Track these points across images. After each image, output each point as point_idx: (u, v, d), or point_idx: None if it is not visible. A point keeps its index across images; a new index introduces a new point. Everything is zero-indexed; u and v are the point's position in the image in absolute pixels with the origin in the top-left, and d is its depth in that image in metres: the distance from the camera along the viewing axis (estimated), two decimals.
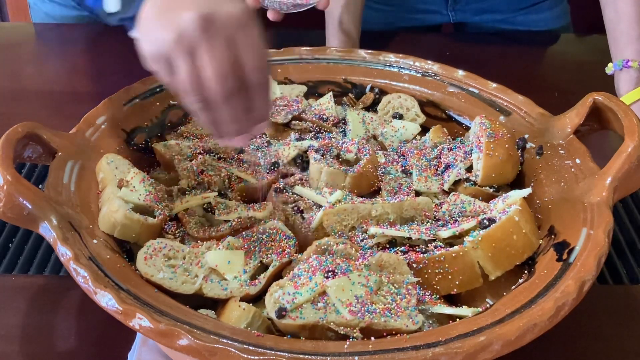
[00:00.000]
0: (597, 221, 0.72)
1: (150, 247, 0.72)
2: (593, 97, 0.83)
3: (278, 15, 1.09)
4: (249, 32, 0.64)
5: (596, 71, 1.21)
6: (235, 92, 0.64)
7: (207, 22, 0.62)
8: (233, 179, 0.85)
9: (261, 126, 0.70)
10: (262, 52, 0.65)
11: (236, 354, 0.59)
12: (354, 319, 0.64)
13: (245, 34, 0.63)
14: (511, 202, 0.76)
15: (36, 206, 0.70)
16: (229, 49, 0.62)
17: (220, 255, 0.72)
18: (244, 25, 0.63)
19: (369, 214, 0.77)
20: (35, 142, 0.79)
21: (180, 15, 0.62)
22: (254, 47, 0.64)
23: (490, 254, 0.71)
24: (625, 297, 0.87)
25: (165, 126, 0.93)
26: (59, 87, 1.25)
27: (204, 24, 0.62)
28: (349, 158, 0.87)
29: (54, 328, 0.80)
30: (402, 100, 1.01)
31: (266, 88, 0.67)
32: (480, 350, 0.60)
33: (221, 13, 0.62)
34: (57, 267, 0.88)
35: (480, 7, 1.48)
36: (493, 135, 0.83)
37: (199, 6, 0.62)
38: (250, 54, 0.63)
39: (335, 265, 0.68)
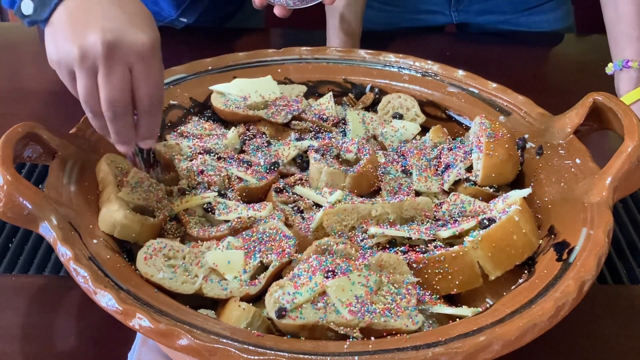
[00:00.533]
0: (597, 221, 0.72)
1: (150, 247, 0.72)
2: (593, 97, 0.83)
3: (285, 11, 1.07)
4: (148, 63, 0.68)
5: (596, 71, 1.21)
6: (121, 115, 0.69)
7: (110, 48, 0.65)
8: (233, 179, 0.85)
9: (148, 142, 0.75)
10: (157, 83, 0.70)
11: (236, 354, 0.59)
12: (354, 319, 0.64)
13: (145, 65, 0.68)
14: (511, 202, 0.76)
15: (36, 206, 0.70)
16: (124, 76, 0.67)
17: (220, 255, 0.72)
18: (145, 56, 0.67)
19: (369, 214, 0.77)
20: (35, 142, 0.79)
21: (88, 34, 0.65)
22: (149, 78, 0.69)
23: (490, 254, 0.71)
24: (625, 297, 0.87)
25: (165, 126, 0.93)
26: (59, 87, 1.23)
27: (107, 50, 0.65)
28: (349, 158, 0.87)
29: (54, 328, 0.80)
30: (402, 100, 1.01)
31: (155, 114, 0.72)
32: (480, 350, 0.60)
33: (126, 40, 0.66)
34: (57, 267, 0.88)
35: (483, 8, 1.48)
36: (493, 135, 0.83)
37: (106, 30, 0.65)
38: (144, 84, 0.69)
39: (335, 265, 0.68)
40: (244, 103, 0.95)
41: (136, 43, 0.67)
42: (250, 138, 0.93)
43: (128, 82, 0.68)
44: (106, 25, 0.66)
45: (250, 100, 0.96)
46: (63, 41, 0.67)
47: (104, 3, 0.68)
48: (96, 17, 0.66)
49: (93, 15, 0.67)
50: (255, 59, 1.04)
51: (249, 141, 0.92)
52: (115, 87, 0.67)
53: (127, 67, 0.67)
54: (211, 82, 0.98)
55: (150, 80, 0.69)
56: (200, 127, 0.94)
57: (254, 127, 0.95)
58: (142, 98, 0.69)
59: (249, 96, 0.96)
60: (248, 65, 1.02)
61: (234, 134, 0.91)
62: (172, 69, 0.98)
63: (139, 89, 0.69)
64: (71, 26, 0.67)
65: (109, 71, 0.66)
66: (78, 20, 0.67)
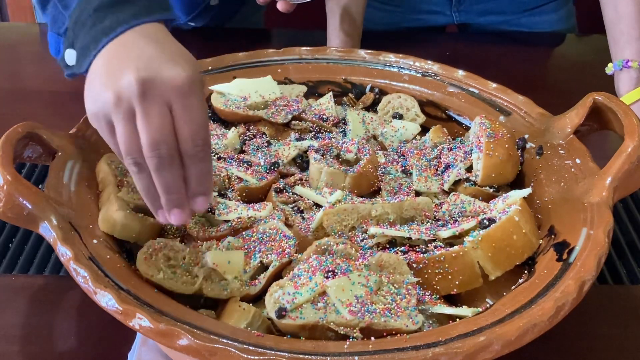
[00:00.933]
0: (597, 221, 0.72)
1: (150, 247, 0.72)
2: (593, 97, 0.83)
3: (288, 6, 1.07)
4: (188, 100, 0.61)
5: (596, 71, 1.21)
6: (167, 161, 0.61)
7: (145, 86, 0.60)
8: (233, 179, 0.85)
9: (201, 202, 0.66)
10: (201, 122, 0.62)
11: (236, 354, 0.59)
12: (354, 319, 0.64)
13: (184, 102, 0.61)
14: (511, 202, 0.76)
15: (36, 206, 0.70)
16: (164, 116, 0.61)
17: (220, 255, 0.72)
18: (184, 93, 0.61)
19: (369, 214, 0.77)
20: (35, 142, 0.79)
21: (122, 77, 0.60)
22: (191, 116, 0.62)
23: (490, 254, 0.71)
24: (625, 297, 0.87)
25: None
26: (59, 87, 1.25)
27: (142, 89, 0.60)
28: (349, 158, 0.87)
29: (54, 328, 0.80)
30: (402, 100, 1.01)
31: (204, 160, 0.64)
32: (480, 350, 0.60)
33: (162, 78, 0.60)
34: (57, 267, 0.88)
35: (484, 9, 1.48)
36: (493, 135, 0.83)
37: (140, 69, 0.60)
38: (186, 123, 0.61)
39: (335, 265, 0.68)
40: (244, 103, 0.95)
41: (173, 78, 0.61)
42: (250, 138, 0.93)
43: (169, 122, 0.61)
44: (140, 64, 0.61)
45: (250, 100, 0.96)
46: (98, 90, 0.62)
47: (141, 46, 0.63)
48: (131, 59, 0.62)
49: (128, 58, 0.62)
50: (255, 59, 1.04)
51: (249, 141, 0.92)
52: (156, 128, 0.60)
53: (166, 106, 0.61)
54: (211, 82, 0.98)
55: (192, 118, 0.61)
56: None
57: (254, 127, 0.95)
58: (186, 140, 0.61)
59: (249, 96, 0.96)
60: (248, 65, 1.02)
61: (234, 134, 0.91)
62: None
63: (181, 130, 0.61)
64: (106, 73, 0.62)
65: (146, 111, 0.60)
66: (113, 66, 0.62)
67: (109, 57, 0.64)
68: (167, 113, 0.61)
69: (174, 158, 0.62)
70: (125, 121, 0.61)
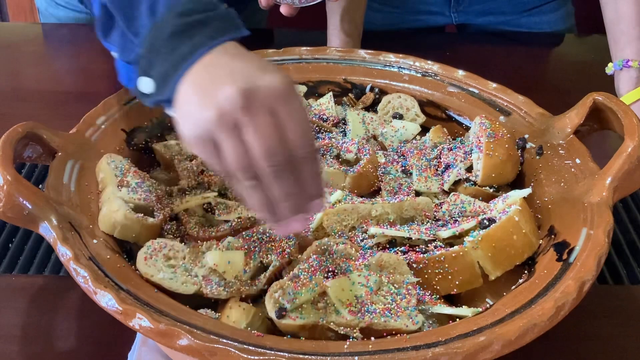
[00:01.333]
0: (597, 221, 0.72)
1: (150, 247, 0.72)
2: (593, 97, 0.83)
3: (292, 10, 1.07)
4: (290, 104, 0.60)
5: (596, 71, 1.21)
6: (285, 167, 0.60)
7: (247, 97, 0.58)
8: None
9: (317, 204, 0.64)
10: (306, 123, 0.61)
11: (236, 354, 0.59)
12: (354, 319, 0.64)
13: (288, 107, 0.60)
14: (511, 202, 0.76)
15: (36, 206, 0.70)
16: (272, 124, 0.59)
17: (220, 255, 0.72)
18: (286, 97, 0.60)
19: (369, 214, 0.77)
20: (35, 142, 0.79)
21: (220, 92, 0.58)
22: (297, 119, 0.60)
23: (490, 254, 0.71)
24: (625, 297, 0.87)
25: (165, 126, 0.93)
26: (59, 87, 1.25)
27: (245, 100, 0.58)
28: (349, 158, 0.87)
29: (54, 328, 0.80)
30: (402, 100, 1.01)
31: (315, 160, 0.63)
32: (480, 350, 0.60)
33: (261, 86, 0.59)
34: (57, 267, 0.88)
35: (483, 9, 1.48)
36: (493, 135, 0.83)
37: (237, 80, 0.59)
38: (293, 127, 0.60)
39: (335, 265, 0.68)
40: None
41: (272, 85, 0.59)
42: None
43: (278, 129, 0.59)
44: (235, 77, 0.59)
45: None
46: (196, 112, 0.60)
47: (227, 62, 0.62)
48: (223, 75, 0.60)
49: (220, 75, 0.60)
50: None
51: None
52: (268, 136, 0.59)
53: (270, 113, 0.59)
54: None
55: (297, 122, 0.60)
56: None
57: None
58: (295, 143, 0.60)
59: None
60: None
61: None
62: None
63: (290, 134, 0.60)
64: (201, 94, 0.60)
65: (254, 122, 0.58)
66: (206, 86, 0.60)
67: (197, 79, 0.62)
68: (274, 120, 0.59)
69: (289, 164, 0.60)
70: (232, 136, 0.59)
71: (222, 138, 0.59)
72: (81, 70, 1.30)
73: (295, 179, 0.61)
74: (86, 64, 1.31)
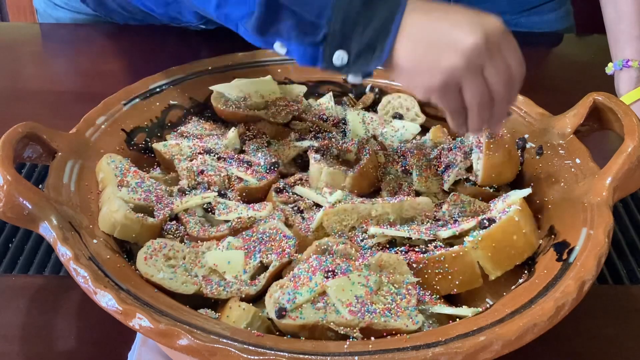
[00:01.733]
0: (597, 221, 0.72)
1: (150, 247, 0.72)
2: (593, 97, 0.83)
3: None
4: (513, 42, 0.71)
5: (596, 71, 1.21)
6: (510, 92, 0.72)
7: (487, 40, 0.68)
8: (233, 179, 0.85)
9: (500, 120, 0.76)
10: (521, 60, 0.73)
11: (236, 354, 0.59)
12: (354, 319, 0.64)
13: (511, 45, 0.71)
14: (511, 202, 0.76)
15: (36, 206, 0.70)
16: (504, 60, 0.70)
17: (220, 255, 0.72)
18: (508, 35, 0.71)
19: (369, 214, 0.77)
20: (35, 142, 0.79)
21: (462, 40, 0.67)
22: (516, 51, 0.72)
23: (490, 254, 0.71)
24: (625, 297, 0.87)
25: (165, 126, 0.93)
26: (59, 87, 1.25)
27: (486, 43, 0.68)
28: (349, 158, 0.87)
29: (54, 328, 0.80)
30: (402, 100, 1.01)
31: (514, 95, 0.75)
32: (480, 350, 0.60)
33: (492, 29, 0.69)
34: (57, 267, 0.88)
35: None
36: (493, 135, 0.83)
37: (474, 28, 0.68)
38: (514, 58, 0.71)
39: (335, 265, 0.68)
40: (244, 103, 0.95)
41: (498, 26, 0.70)
42: (250, 138, 0.93)
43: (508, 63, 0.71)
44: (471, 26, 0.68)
45: (250, 100, 0.96)
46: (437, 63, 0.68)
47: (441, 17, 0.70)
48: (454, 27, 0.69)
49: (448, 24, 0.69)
50: (255, 59, 1.03)
51: (249, 141, 0.92)
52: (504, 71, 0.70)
53: (500, 51, 0.70)
54: (211, 82, 0.98)
55: (516, 53, 0.72)
56: (200, 127, 0.94)
57: (254, 127, 0.95)
58: (515, 72, 0.72)
59: (249, 96, 0.96)
60: (248, 66, 1.02)
61: (234, 134, 0.91)
62: (172, 69, 0.98)
63: (512, 63, 0.71)
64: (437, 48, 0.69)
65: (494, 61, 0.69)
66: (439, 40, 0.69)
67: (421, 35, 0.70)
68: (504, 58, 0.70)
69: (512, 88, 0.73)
70: (478, 77, 0.69)
71: (469, 80, 0.69)
72: (81, 70, 1.30)
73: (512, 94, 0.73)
74: (86, 64, 1.31)
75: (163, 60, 0.93)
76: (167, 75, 0.97)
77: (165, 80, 0.96)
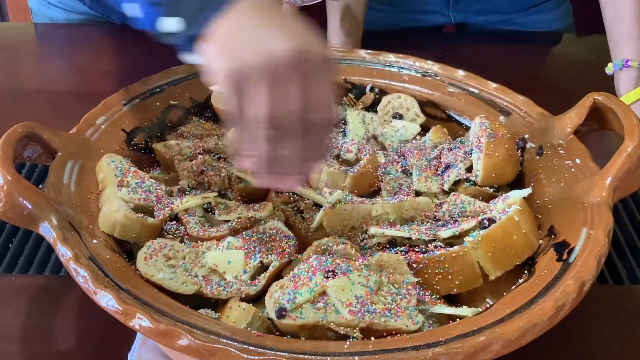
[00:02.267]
0: (597, 221, 0.72)
1: (150, 247, 0.72)
2: (593, 97, 0.83)
3: (294, 9, 1.08)
4: (329, 75, 0.64)
5: (596, 71, 1.21)
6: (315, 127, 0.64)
7: (303, 57, 0.60)
8: (233, 179, 0.85)
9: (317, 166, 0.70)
10: (331, 95, 0.64)
11: (236, 354, 0.59)
12: (354, 319, 0.64)
13: (326, 76, 0.63)
14: (511, 202, 0.76)
15: (36, 206, 0.70)
16: (312, 85, 0.62)
17: (220, 255, 0.72)
18: (327, 68, 0.63)
19: (369, 214, 0.77)
20: (35, 142, 0.79)
21: (275, 43, 0.60)
22: (328, 89, 0.64)
23: (490, 254, 0.71)
24: (625, 297, 0.87)
25: (165, 126, 0.93)
26: (59, 87, 1.25)
27: (299, 59, 0.60)
28: (349, 158, 0.87)
29: (54, 328, 0.80)
30: (402, 100, 1.01)
31: (330, 130, 0.68)
32: (480, 350, 0.60)
33: (315, 51, 0.61)
34: (57, 267, 0.88)
35: (481, 8, 1.48)
36: (493, 135, 0.83)
37: (293, 38, 0.61)
38: (322, 96, 0.63)
39: (335, 265, 0.68)
40: None
41: (324, 53, 0.63)
42: None
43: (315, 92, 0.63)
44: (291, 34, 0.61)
45: None
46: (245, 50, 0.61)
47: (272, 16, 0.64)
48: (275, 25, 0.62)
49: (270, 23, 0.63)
50: None
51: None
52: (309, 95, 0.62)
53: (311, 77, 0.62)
54: None
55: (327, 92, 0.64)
56: (200, 127, 0.94)
57: None
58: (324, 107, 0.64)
59: None
60: None
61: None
62: (172, 69, 0.98)
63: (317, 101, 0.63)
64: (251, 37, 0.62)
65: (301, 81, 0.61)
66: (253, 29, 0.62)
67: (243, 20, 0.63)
68: (311, 83, 0.62)
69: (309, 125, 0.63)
70: (275, 87, 0.61)
71: (262, 85, 0.60)
72: (81, 70, 1.30)
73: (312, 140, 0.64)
74: (86, 64, 1.32)
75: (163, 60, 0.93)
76: (167, 75, 0.97)
77: (165, 80, 0.96)
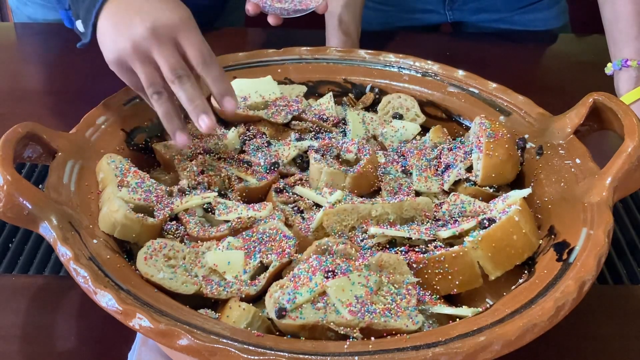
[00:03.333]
0: (597, 221, 0.72)
1: (150, 247, 0.72)
2: (593, 97, 0.83)
3: (278, 19, 1.11)
4: (188, 31, 0.80)
5: (596, 71, 1.21)
6: (185, 77, 0.78)
7: (154, 31, 0.78)
8: (233, 179, 0.85)
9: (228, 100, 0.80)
10: (201, 42, 0.80)
11: (236, 354, 0.59)
12: (354, 319, 0.64)
13: (185, 33, 0.79)
14: (511, 202, 0.76)
15: (36, 206, 0.70)
16: (174, 50, 0.79)
17: (220, 255, 0.72)
18: (183, 28, 0.79)
19: (369, 214, 0.77)
20: (35, 142, 0.79)
21: (133, 29, 0.78)
22: (193, 42, 0.80)
23: (490, 254, 0.71)
24: (625, 297, 0.87)
25: None
26: (59, 87, 1.25)
27: (152, 33, 0.78)
28: (349, 158, 0.87)
29: (54, 328, 0.80)
30: (402, 100, 1.01)
31: (214, 64, 0.80)
32: (480, 350, 0.60)
33: (162, 21, 0.79)
34: (57, 267, 0.88)
35: (477, 7, 1.48)
36: (493, 135, 0.83)
37: (145, 20, 0.78)
38: (190, 45, 0.79)
39: (335, 265, 0.68)
40: (244, 103, 0.95)
41: (172, 19, 0.79)
42: (250, 138, 0.93)
43: (179, 53, 0.79)
44: (144, 16, 0.78)
45: (250, 100, 0.96)
46: (115, 41, 0.80)
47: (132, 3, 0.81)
48: (134, 13, 0.79)
49: (131, 13, 0.79)
50: (255, 59, 1.04)
51: (249, 141, 0.92)
52: (171, 56, 0.78)
53: (173, 42, 0.79)
54: None
55: (193, 42, 0.79)
56: None
57: (254, 127, 0.95)
58: (195, 56, 0.79)
59: (249, 96, 0.96)
60: (248, 65, 1.02)
61: (234, 134, 0.91)
62: None
63: (190, 52, 0.79)
64: (118, 30, 0.80)
65: (161, 48, 0.78)
66: (122, 20, 0.80)
67: (113, 14, 0.81)
68: (175, 47, 0.79)
69: (190, 75, 0.79)
70: (144, 62, 0.79)
71: (136, 63, 0.79)
72: (80, 70, 1.30)
73: (197, 87, 0.79)
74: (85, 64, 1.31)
75: None
76: None
77: None
